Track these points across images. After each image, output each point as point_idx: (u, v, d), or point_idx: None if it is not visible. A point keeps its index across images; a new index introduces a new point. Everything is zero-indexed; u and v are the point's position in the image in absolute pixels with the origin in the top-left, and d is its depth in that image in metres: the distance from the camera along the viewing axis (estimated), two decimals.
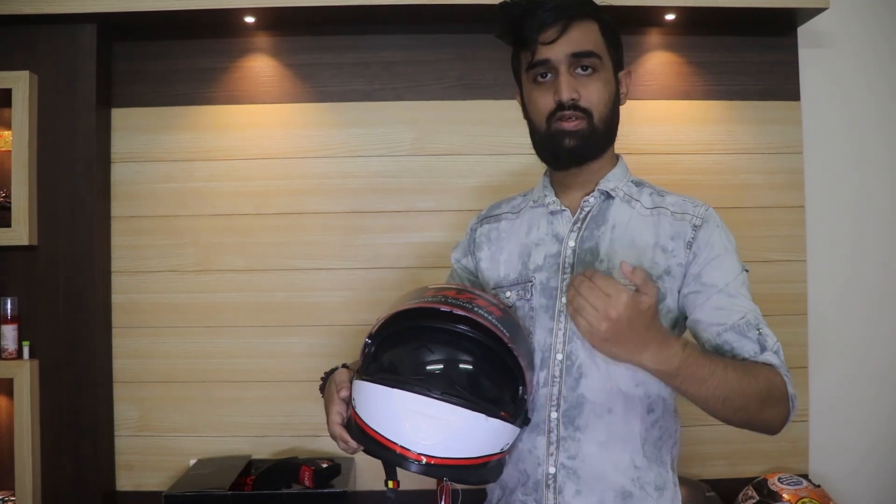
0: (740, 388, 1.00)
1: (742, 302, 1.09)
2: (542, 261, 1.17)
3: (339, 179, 1.96)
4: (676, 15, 1.87)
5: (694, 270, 1.11)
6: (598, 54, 1.11)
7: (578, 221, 1.17)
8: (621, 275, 1.03)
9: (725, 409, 1.01)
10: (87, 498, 1.83)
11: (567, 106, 1.10)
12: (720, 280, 1.09)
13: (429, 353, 1.01)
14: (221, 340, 1.95)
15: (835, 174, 2.03)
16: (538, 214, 1.21)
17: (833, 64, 2.03)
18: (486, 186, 1.94)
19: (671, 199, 1.17)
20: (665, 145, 1.96)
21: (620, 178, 1.19)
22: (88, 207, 1.85)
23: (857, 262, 2.03)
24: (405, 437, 0.96)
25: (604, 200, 1.18)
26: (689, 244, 1.12)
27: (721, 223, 1.15)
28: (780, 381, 1.04)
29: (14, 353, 1.82)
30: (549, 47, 1.10)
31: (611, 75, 1.15)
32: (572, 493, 1.10)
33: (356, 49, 1.96)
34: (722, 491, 1.83)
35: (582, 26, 1.11)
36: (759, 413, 1.03)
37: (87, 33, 1.85)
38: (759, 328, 1.07)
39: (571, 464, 1.10)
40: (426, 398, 0.96)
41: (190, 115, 1.96)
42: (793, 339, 1.95)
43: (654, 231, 1.14)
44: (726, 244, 1.13)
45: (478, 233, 1.29)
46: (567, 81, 1.10)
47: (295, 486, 1.71)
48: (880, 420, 2.02)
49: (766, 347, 1.06)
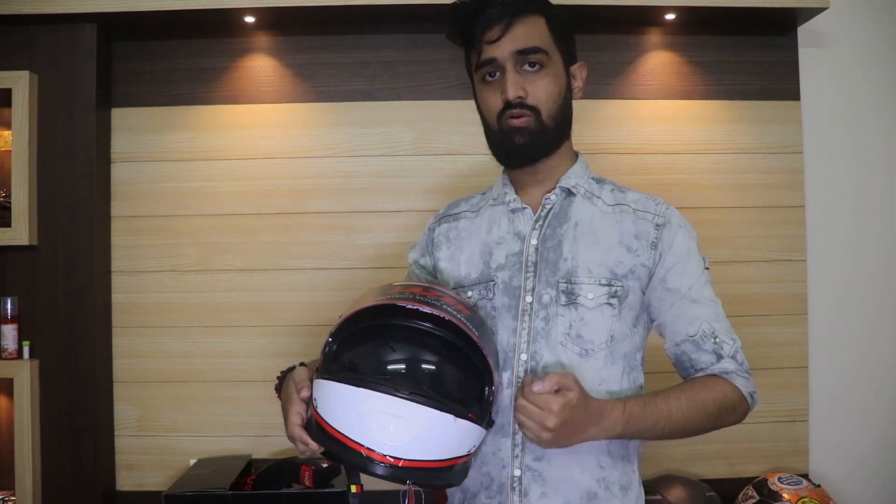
0: (689, 420, 1.07)
1: (701, 309, 1.12)
2: (503, 259, 1.16)
3: (339, 179, 1.96)
4: (676, 14, 1.87)
5: (660, 274, 1.12)
6: (544, 49, 1.10)
7: (540, 219, 1.16)
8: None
9: (681, 436, 1.10)
10: (87, 498, 1.83)
11: (514, 104, 1.09)
12: (683, 285, 1.12)
13: (395, 352, 0.98)
14: (221, 340, 1.95)
15: (835, 174, 2.03)
16: (498, 212, 1.21)
17: (833, 64, 2.03)
18: (486, 186, 1.93)
19: (633, 197, 1.17)
20: (665, 145, 1.96)
21: (581, 174, 1.19)
22: (88, 207, 1.85)
23: (857, 262, 2.03)
24: (371, 439, 0.93)
25: (565, 197, 1.17)
26: (653, 244, 1.13)
27: (683, 221, 1.16)
28: (731, 389, 1.10)
29: (14, 353, 1.82)
30: (494, 46, 1.10)
31: (560, 70, 1.13)
32: (538, 496, 1.09)
33: (356, 49, 1.96)
34: (722, 491, 1.83)
35: (527, 22, 1.10)
36: (715, 425, 1.11)
37: (87, 33, 1.85)
38: (716, 336, 1.11)
39: (537, 466, 1.09)
40: (393, 398, 0.92)
41: (190, 114, 1.96)
42: (793, 339, 1.96)
43: (618, 229, 1.14)
44: (689, 245, 1.14)
45: (436, 232, 1.28)
46: (513, 80, 1.09)
47: (295, 485, 1.70)
48: (880, 420, 2.02)
49: (723, 355, 1.11)
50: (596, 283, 1.10)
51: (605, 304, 1.10)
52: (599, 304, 1.10)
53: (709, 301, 1.13)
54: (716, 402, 1.08)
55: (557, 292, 1.11)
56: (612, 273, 1.11)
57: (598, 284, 1.10)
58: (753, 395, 1.12)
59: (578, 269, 1.11)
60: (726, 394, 1.09)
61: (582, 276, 1.11)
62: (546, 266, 1.12)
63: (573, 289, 1.10)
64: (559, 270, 1.12)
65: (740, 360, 1.12)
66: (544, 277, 1.12)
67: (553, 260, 1.13)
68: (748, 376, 1.12)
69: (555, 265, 1.12)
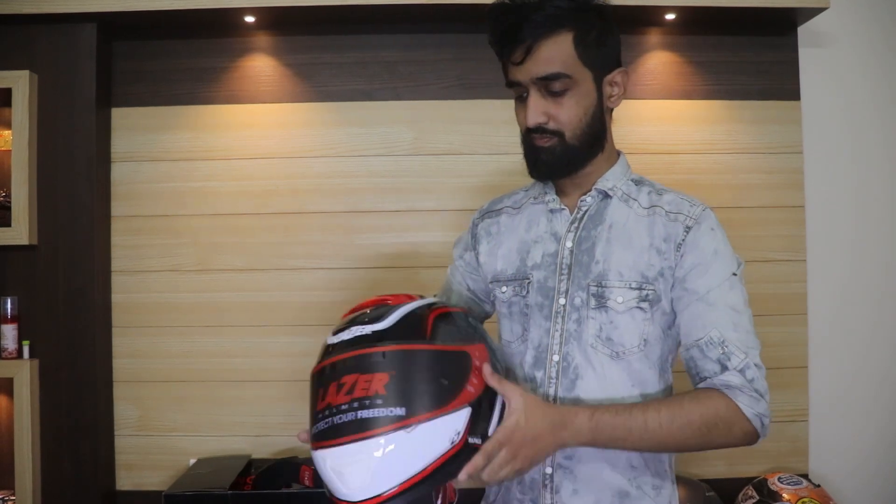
0: (670, 434, 1.01)
1: (716, 314, 1.06)
2: (539, 259, 1.16)
3: (339, 179, 1.96)
4: (676, 14, 1.87)
5: (679, 274, 1.09)
6: (566, 74, 1.07)
7: (576, 221, 1.16)
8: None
9: (666, 450, 1.06)
10: (87, 498, 1.83)
11: (535, 130, 1.10)
12: (702, 287, 1.07)
13: (314, 401, 0.94)
14: (221, 340, 1.95)
15: (835, 174, 2.03)
16: (538, 211, 1.21)
17: (833, 63, 2.03)
18: (486, 186, 1.94)
19: (668, 198, 1.15)
20: (665, 145, 1.96)
21: (619, 176, 1.17)
22: (88, 207, 1.85)
23: (857, 262, 2.03)
24: (343, 493, 0.89)
25: (601, 200, 1.16)
26: (678, 246, 1.10)
27: (716, 224, 1.11)
28: (727, 405, 1.02)
29: (14, 353, 1.82)
30: (517, 69, 1.09)
31: (588, 87, 1.10)
32: (569, 493, 1.10)
33: (356, 48, 1.96)
34: (722, 491, 1.83)
35: (550, 44, 1.06)
36: (706, 443, 1.03)
37: (87, 33, 1.85)
38: (724, 345, 1.04)
39: (568, 464, 1.10)
40: (330, 449, 0.89)
41: (190, 114, 1.96)
42: (793, 338, 1.96)
43: (650, 232, 1.12)
44: (717, 247, 1.09)
45: (479, 228, 1.29)
46: (534, 106, 1.08)
47: (295, 485, 1.70)
48: (880, 420, 2.02)
49: (728, 367, 1.03)
50: (626, 287, 1.09)
51: (635, 308, 1.09)
52: (629, 308, 1.09)
53: (727, 308, 1.06)
54: (703, 418, 1.01)
55: (588, 295, 1.10)
56: (643, 276, 1.10)
57: (629, 288, 1.09)
58: (763, 419, 1.03)
59: (609, 272, 1.10)
60: (717, 409, 1.02)
61: (612, 280, 1.10)
62: (579, 268, 1.12)
63: (603, 292, 1.10)
64: (591, 273, 1.11)
65: (750, 377, 1.03)
66: (577, 280, 1.12)
67: (586, 262, 1.12)
68: (758, 396, 1.03)
69: (587, 268, 1.12)
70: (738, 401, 1.02)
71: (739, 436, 1.03)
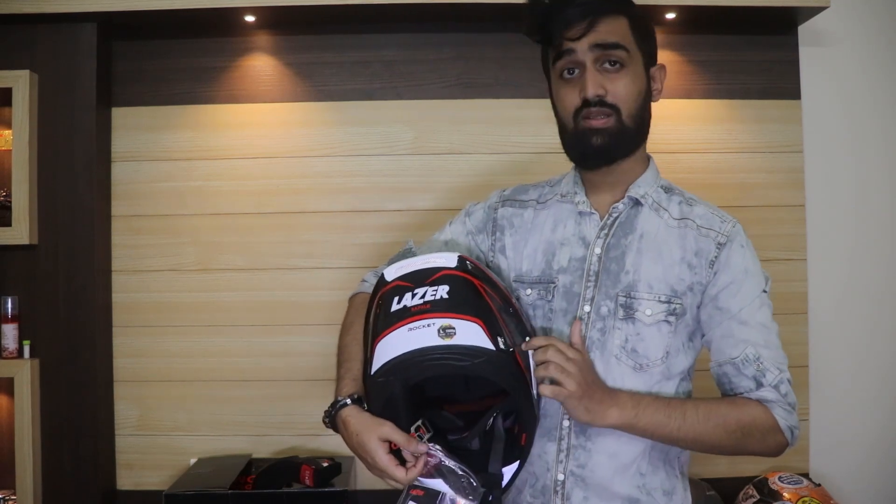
0: (705, 430, 1.03)
1: (749, 332, 1.08)
2: (566, 263, 1.14)
3: (340, 178, 1.96)
4: (677, 14, 1.87)
5: (712, 292, 1.10)
6: (625, 47, 1.07)
7: (606, 227, 1.14)
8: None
9: (699, 447, 1.07)
10: (87, 497, 1.83)
11: (593, 102, 1.06)
12: (735, 306, 1.09)
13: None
14: (222, 339, 1.95)
15: (835, 173, 2.03)
16: (566, 211, 1.18)
17: (833, 63, 2.03)
18: (486, 185, 1.92)
19: (699, 211, 1.14)
20: (665, 144, 1.96)
21: (651, 183, 1.16)
22: (88, 207, 1.85)
23: (857, 262, 2.03)
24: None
25: (632, 207, 1.15)
26: (711, 263, 1.10)
27: (745, 241, 1.12)
28: (765, 415, 1.06)
29: (14, 353, 1.82)
30: (575, 43, 1.07)
31: (641, 70, 1.10)
32: (580, 500, 1.10)
33: (356, 48, 1.96)
34: (722, 490, 1.83)
35: (609, 21, 1.07)
36: (739, 447, 1.06)
37: (88, 32, 1.85)
38: (760, 362, 1.07)
39: (580, 472, 1.10)
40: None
41: (190, 114, 1.96)
42: (793, 338, 1.95)
43: (681, 245, 1.11)
44: (748, 266, 1.10)
45: (499, 213, 1.24)
46: (593, 77, 1.06)
47: (295, 485, 1.70)
48: (880, 419, 2.02)
49: (763, 383, 1.07)
50: (655, 300, 1.09)
51: (662, 322, 1.09)
52: (657, 321, 1.09)
53: (759, 325, 1.09)
54: (739, 423, 1.04)
55: (616, 305, 1.09)
56: (672, 290, 1.09)
57: (658, 301, 1.09)
58: (794, 431, 1.07)
59: (639, 283, 1.09)
60: (755, 418, 1.05)
61: (642, 291, 1.09)
62: (607, 277, 1.11)
63: (632, 303, 1.09)
64: (620, 283, 1.10)
65: (784, 392, 1.07)
66: (604, 288, 1.10)
67: (615, 271, 1.11)
68: (791, 409, 1.07)
69: (616, 277, 1.10)
70: (776, 413, 1.06)
71: (773, 446, 1.07)
